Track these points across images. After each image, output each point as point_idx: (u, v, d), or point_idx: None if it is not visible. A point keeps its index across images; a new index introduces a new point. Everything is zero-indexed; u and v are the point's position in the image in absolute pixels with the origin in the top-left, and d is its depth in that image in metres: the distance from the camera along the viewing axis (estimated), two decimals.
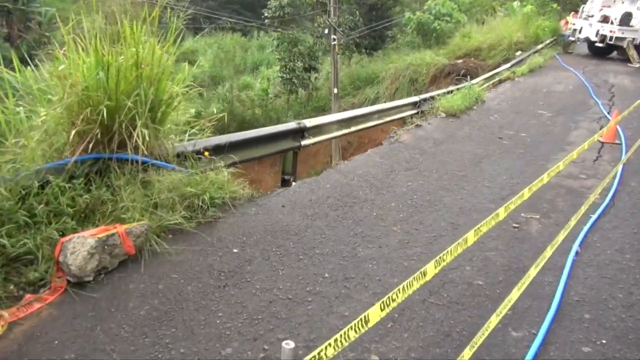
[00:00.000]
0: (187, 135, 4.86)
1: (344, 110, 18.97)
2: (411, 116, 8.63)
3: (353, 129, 6.98)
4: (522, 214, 4.56)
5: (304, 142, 5.93)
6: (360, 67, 22.80)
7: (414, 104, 8.71)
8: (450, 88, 9.32)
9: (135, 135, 3.49)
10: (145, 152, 3.57)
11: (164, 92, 3.90)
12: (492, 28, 19.88)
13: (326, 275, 3.35)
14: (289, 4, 20.32)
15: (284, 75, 20.43)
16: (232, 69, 22.82)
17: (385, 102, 18.62)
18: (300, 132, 5.92)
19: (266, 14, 21.06)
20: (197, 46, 44.42)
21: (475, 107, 8.96)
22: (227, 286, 3.13)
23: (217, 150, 4.53)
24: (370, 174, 5.32)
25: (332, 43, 19.05)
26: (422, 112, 8.54)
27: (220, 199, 4.08)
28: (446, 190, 5.04)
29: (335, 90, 19.06)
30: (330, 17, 19.09)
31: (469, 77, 10.05)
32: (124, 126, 3.51)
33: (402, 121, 8.22)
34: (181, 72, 4.37)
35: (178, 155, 4.21)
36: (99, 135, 3.49)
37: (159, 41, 4.00)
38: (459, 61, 18.80)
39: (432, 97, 8.82)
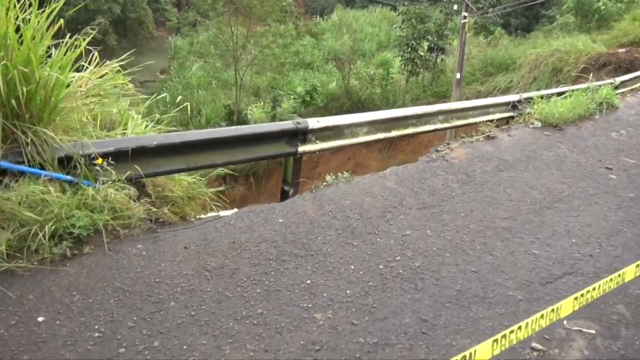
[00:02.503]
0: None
1: (467, 98, 16.63)
2: (502, 121, 6.61)
3: (395, 133, 5.31)
4: (565, 322, 2.70)
5: (303, 148, 4.50)
6: (498, 50, 19.83)
7: (508, 105, 6.63)
8: (562, 88, 6.94)
9: None
10: None
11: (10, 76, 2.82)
12: None
13: None
14: None
15: (405, 55, 18.51)
16: (352, 44, 21.41)
17: (518, 92, 15.84)
18: (301, 135, 4.51)
19: None
20: (345, 18, 44.07)
21: (596, 116, 6.54)
22: None
23: (123, 156, 3.37)
24: (362, 207, 3.74)
25: (462, 21, 16.62)
26: (513, 117, 6.44)
27: (88, 228, 2.94)
28: (459, 252, 3.28)
29: (458, 76, 16.73)
30: None
31: (592, 74, 7.48)
32: None
33: (488, 125, 6.23)
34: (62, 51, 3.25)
35: (62, 161, 3.15)
36: None
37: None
38: (621, 50, 15.13)
39: (542, 98, 6.58)
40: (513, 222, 3.73)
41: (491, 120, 6.46)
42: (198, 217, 5.06)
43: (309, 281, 2.86)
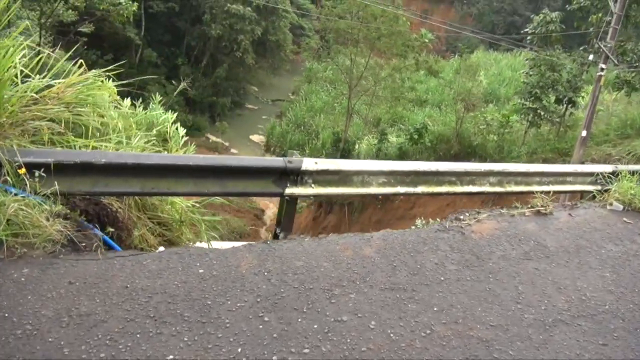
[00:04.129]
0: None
1: (592, 160, 14.59)
2: (587, 194, 5.42)
3: (421, 189, 4.51)
4: None
5: (292, 190, 3.96)
6: None
7: (592, 176, 5.39)
8: None
9: None
10: None
11: None
12: None
13: None
14: (555, 20, 16.49)
15: (527, 104, 16.85)
16: (470, 86, 20.12)
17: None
18: (293, 175, 3.97)
19: (527, 30, 17.65)
20: (486, 60, 42.50)
21: None
22: None
23: (63, 169, 3.14)
24: (311, 274, 3.08)
25: (598, 74, 14.70)
26: (593, 192, 5.20)
27: None
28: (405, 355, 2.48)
29: (584, 133, 14.77)
30: (606, 41, 14.66)
31: None
32: None
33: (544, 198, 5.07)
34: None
35: None
36: None
37: None
38: None
39: (633, 174, 5.24)
40: (501, 335, 2.78)
41: (567, 192, 5.31)
42: (190, 244, 4.75)
43: (171, 356, 2.31)
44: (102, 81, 3.82)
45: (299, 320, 2.67)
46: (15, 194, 2.97)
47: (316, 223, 22.09)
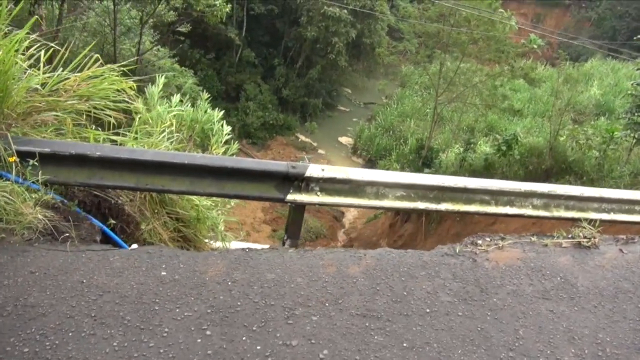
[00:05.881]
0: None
1: None
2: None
3: (445, 206, 4.08)
4: None
5: (294, 197, 3.76)
6: None
7: None
8: None
9: None
10: None
11: None
12: None
13: None
14: None
15: (634, 118, 15.05)
16: (569, 96, 18.40)
17: None
18: (297, 181, 3.77)
19: None
20: (602, 69, 39.30)
21: None
22: None
23: (58, 160, 3.22)
24: (279, 290, 2.86)
25: None
26: None
27: None
28: None
29: None
30: None
31: None
32: None
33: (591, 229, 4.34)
34: None
35: None
36: None
37: None
38: None
39: None
40: None
41: (634, 223, 4.57)
42: (208, 242, 4.73)
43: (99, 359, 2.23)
44: (117, 76, 3.89)
45: (244, 338, 2.47)
46: (6, 180, 3.09)
47: (392, 231, 21.56)
